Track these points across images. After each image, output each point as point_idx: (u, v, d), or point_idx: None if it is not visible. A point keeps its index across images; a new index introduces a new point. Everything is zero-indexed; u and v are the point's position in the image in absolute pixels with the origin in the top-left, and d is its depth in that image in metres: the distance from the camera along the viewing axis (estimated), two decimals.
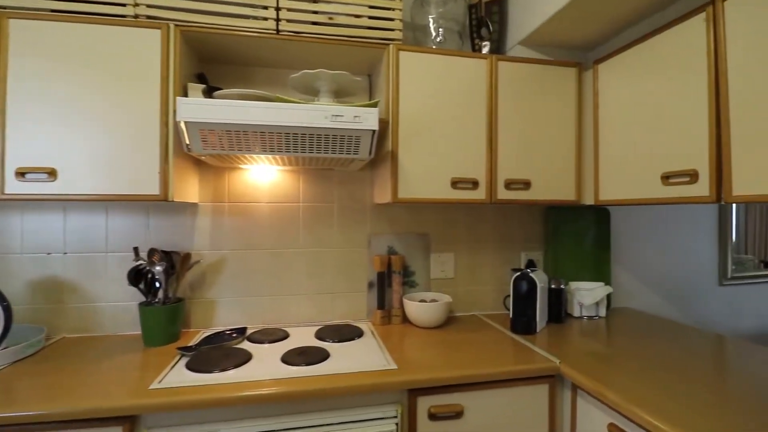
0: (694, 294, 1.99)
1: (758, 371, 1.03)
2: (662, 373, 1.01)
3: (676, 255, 1.95)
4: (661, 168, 1.13)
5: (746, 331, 2.12)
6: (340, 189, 1.52)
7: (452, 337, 1.32)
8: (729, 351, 1.20)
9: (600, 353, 1.16)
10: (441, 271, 1.62)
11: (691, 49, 1.03)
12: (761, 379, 0.98)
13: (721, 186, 0.97)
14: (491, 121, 1.34)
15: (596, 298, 1.55)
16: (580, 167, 1.44)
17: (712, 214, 2.03)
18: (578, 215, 1.70)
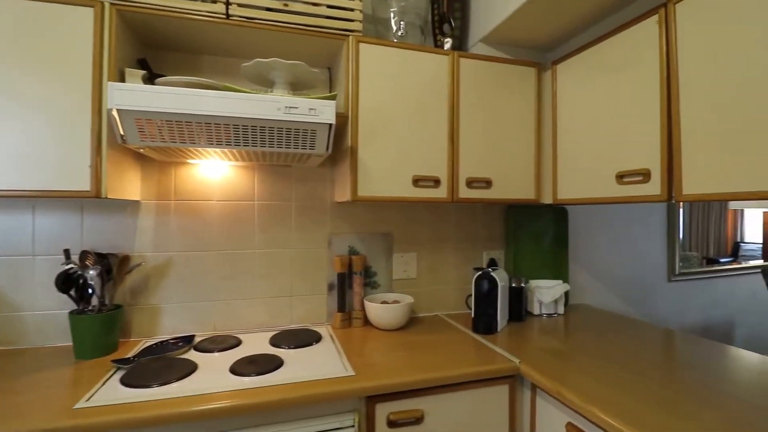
0: (645, 290, 2.08)
1: (706, 365, 1.07)
2: (618, 370, 1.02)
3: (628, 253, 2.03)
4: (616, 167, 1.15)
5: (691, 324, 2.24)
6: (298, 186, 1.45)
7: (414, 339, 1.28)
8: (678, 346, 1.24)
9: (558, 351, 1.17)
10: (404, 271, 1.59)
11: (644, 51, 1.05)
12: (709, 373, 1.01)
13: (672, 185, 0.99)
14: (453, 119, 1.32)
15: (555, 295, 1.57)
16: (539, 167, 1.45)
17: (661, 213, 2.13)
18: (538, 214, 1.72)
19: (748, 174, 0.83)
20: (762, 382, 0.96)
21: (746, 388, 0.92)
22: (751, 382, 0.96)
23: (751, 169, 0.82)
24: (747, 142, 0.83)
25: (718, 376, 0.99)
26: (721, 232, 2.48)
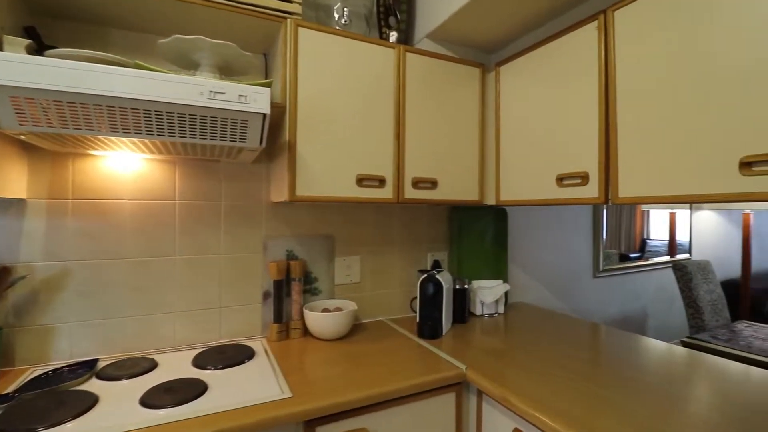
0: (575, 286, 2.21)
1: (633, 359, 1.13)
2: (558, 370, 1.03)
3: (560, 252, 2.14)
4: (557, 170, 1.17)
5: (613, 316, 2.43)
6: (229, 184, 1.30)
7: (357, 349, 1.21)
8: (606, 339, 1.30)
9: (502, 352, 1.16)
10: (346, 275, 1.50)
11: (584, 56, 1.08)
12: (638, 368, 1.06)
13: (609, 188, 1.02)
14: (399, 116, 1.26)
15: (496, 295, 1.59)
16: (483, 168, 1.44)
17: (588, 215, 2.28)
18: (480, 215, 1.74)
19: (675, 179, 0.87)
20: (673, 370, 1.02)
21: (668, 379, 0.98)
22: (669, 371, 1.02)
23: (677, 174, 0.86)
24: (673, 148, 0.87)
25: (645, 370, 1.04)
26: (631, 231, 2.72)
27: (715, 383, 0.97)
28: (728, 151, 0.78)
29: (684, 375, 1.01)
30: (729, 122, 0.78)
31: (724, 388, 0.94)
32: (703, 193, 0.82)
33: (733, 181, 0.77)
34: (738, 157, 0.76)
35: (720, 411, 0.83)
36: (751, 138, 0.75)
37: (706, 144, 0.82)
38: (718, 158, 0.80)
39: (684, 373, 1.03)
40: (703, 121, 0.82)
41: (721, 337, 1.87)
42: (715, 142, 0.80)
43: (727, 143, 0.78)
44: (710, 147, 0.81)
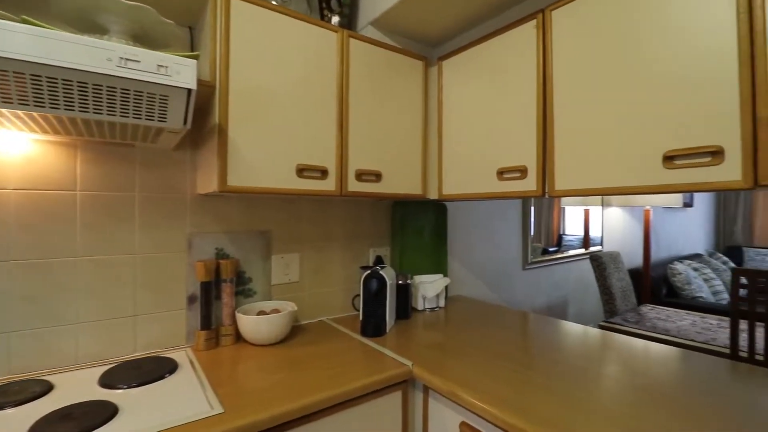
0: (507, 278, 2.32)
1: (559, 342, 1.19)
2: (498, 359, 1.05)
3: (493, 245, 2.23)
4: (497, 164, 1.19)
5: (540, 305, 2.60)
6: (145, 173, 1.13)
7: (297, 353, 1.12)
8: (540, 328, 1.37)
9: (445, 346, 1.16)
10: (284, 274, 1.40)
11: (523, 54, 1.11)
12: (564, 351, 1.12)
13: (546, 181, 1.06)
14: (342, 104, 1.20)
15: (437, 289, 1.60)
16: (426, 162, 1.44)
17: (518, 210, 2.41)
18: (422, 210, 1.74)
19: (606, 172, 0.92)
20: (592, 350, 1.10)
21: (589, 357, 1.05)
22: (588, 351, 1.09)
23: (608, 168, 0.92)
24: (604, 144, 0.92)
25: (570, 351, 1.10)
26: (550, 227, 2.95)
27: (625, 359, 1.05)
28: (653, 146, 0.84)
29: (601, 354, 1.09)
30: (654, 119, 0.84)
31: (633, 362, 1.02)
32: (631, 186, 0.88)
33: (657, 174, 0.83)
34: (662, 151, 0.83)
35: (629, 381, 0.89)
36: (673, 134, 0.81)
37: (634, 140, 0.88)
38: (644, 153, 0.86)
39: (601, 352, 1.11)
40: (632, 118, 0.88)
41: (631, 319, 2.08)
42: (642, 138, 0.86)
43: (653, 139, 0.84)
44: (637, 143, 0.87)
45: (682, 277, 3.20)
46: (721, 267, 3.86)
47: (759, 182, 0.70)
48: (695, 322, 2.03)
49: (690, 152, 0.78)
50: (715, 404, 0.81)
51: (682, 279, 3.19)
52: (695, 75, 0.78)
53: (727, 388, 0.89)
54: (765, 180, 0.69)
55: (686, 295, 3.14)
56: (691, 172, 0.79)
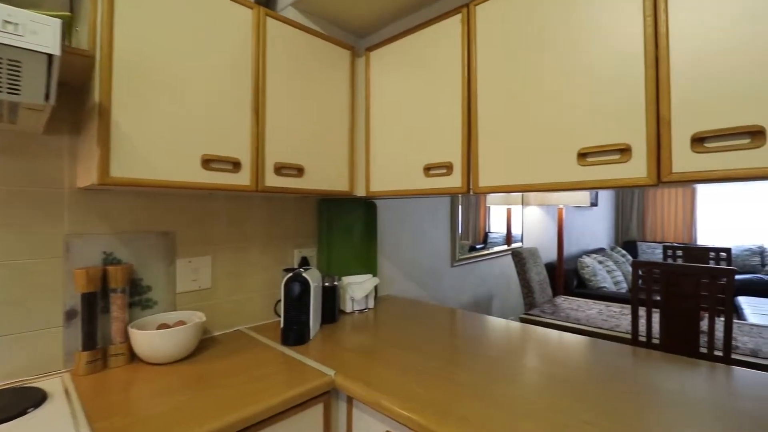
0: (436, 275, 2.35)
1: (486, 337, 1.20)
2: (429, 362, 1.02)
3: (423, 243, 2.24)
4: (424, 160, 1.17)
5: (466, 301, 2.68)
6: (5, 161, 0.92)
7: (204, 370, 0.99)
8: (465, 323, 1.38)
9: (373, 350, 1.10)
10: (193, 281, 1.24)
11: (449, 48, 1.09)
12: (489, 343, 1.13)
13: (471, 178, 1.06)
14: (258, 89, 1.08)
15: (366, 290, 1.54)
16: (353, 157, 1.37)
17: (446, 208, 2.45)
18: (350, 208, 1.67)
19: (526, 169, 0.93)
20: (514, 342, 1.13)
21: (511, 348, 1.07)
22: (510, 343, 1.11)
23: (528, 165, 0.93)
24: (524, 141, 0.93)
25: (493, 344, 1.11)
26: (477, 225, 3.08)
27: (545, 352, 1.09)
28: (569, 143, 0.86)
29: (523, 347, 1.12)
30: (570, 117, 0.86)
31: (552, 354, 1.06)
32: (549, 182, 0.89)
33: (573, 171, 0.85)
34: (577, 149, 0.85)
35: (549, 373, 0.92)
36: (586, 132, 0.84)
37: (552, 137, 0.89)
38: (561, 150, 0.87)
39: (523, 345, 1.13)
40: (549, 116, 0.89)
41: (548, 311, 2.23)
42: (559, 136, 0.88)
43: (569, 137, 0.86)
44: (555, 140, 0.89)
45: (590, 269, 3.53)
46: (621, 259, 4.35)
47: (662, 179, 0.74)
48: (601, 311, 2.23)
49: (601, 150, 0.81)
50: (623, 389, 0.85)
51: (589, 271, 3.52)
52: (606, 74, 0.81)
53: (632, 372, 0.94)
54: (667, 177, 0.73)
55: (593, 285, 3.47)
56: (603, 169, 0.82)
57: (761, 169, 0.64)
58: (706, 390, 0.85)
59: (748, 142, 0.65)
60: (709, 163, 0.69)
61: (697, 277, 1.53)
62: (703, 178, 0.69)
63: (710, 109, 0.68)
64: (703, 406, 0.78)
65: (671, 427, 0.71)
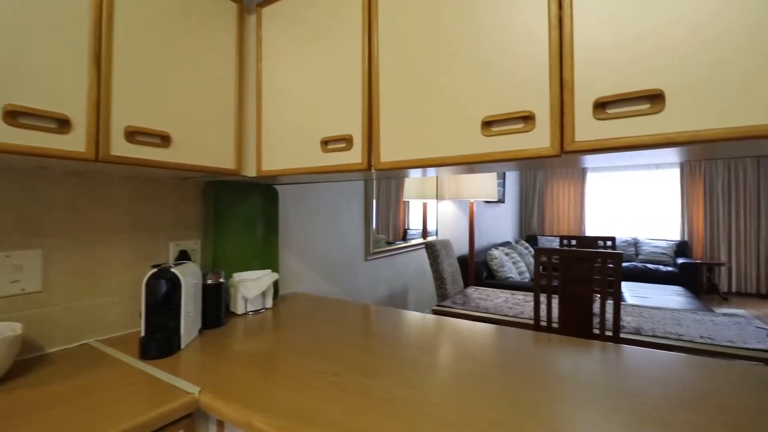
0: (349, 270, 2.21)
1: (398, 333, 1.10)
2: (326, 365, 0.87)
3: (334, 236, 2.09)
4: (322, 133, 1.01)
5: (381, 295, 2.59)
6: None
7: (17, 400, 0.71)
8: (377, 319, 1.26)
9: (262, 358, 0.92)
10: (12, 282, 0.93)
11: (349, 11, 0.95)
12: (401, 339, 1.03)
13: (372, 153, 0.93)
14: (100, 30, 0.83)
15: (262, 288, 1.34)
16: (240, 130, 1.16)
17: (360, 201, 2.34)
18: (246, 194, 1.45)
19: (429, 142, 0.83)
20: (427, 335, 1.04)
21: (424, 342, 0.97)
22: (423, 337, 1.02)
23: (431, 137, 0.83)
24: (427, 112, 0.83)
25: (406, 340, 1.01)
26: (397, 221, 3.04)
27: (454, 343, 1.01)
28: (473, 112, 0.78)
29: (433, 341, 1.03)
30: (474, 85, 0.78)
31: (461, 345, 0.99)
32: (454, 155, 0.80)
33: (477, 142, 0.77)
34: (481, 117, 0.77)
35: (457, 367, 0.84)
36: (490, 99, 0.76)
37: (455, 106, 0.80)
38: (465, 120, 0.79)
39: (434, 338, 1.05)
40: (453, 84, 0.80)
41: (459, 301, 2.23)
42: (463, 104, 0.79)
43: (472, 105, 0.78)
44: (459, 109, 0.80)
45: (497, 261, 3.70)
46: (524, 251, 4.68)
47: (565, 148, 0.69)
48: (507, 299, 2.30)
49: (505, 117, 0.74)
50: (525, 377, 0.80)
51: (497, 263, 3.69)
52: (510, 37, 0.74)
53: (537, 357, 0.90)
54: (570, 146, 0.68)
55: (500, 276, 3.65)
56: (507, 140, 0.74)
57: (662, 136, 0.60)
58: (599, 369, 0.83)
59: (648, 108, 0.62)
60: (612, 131, 0.64)
61: (590, 261, 1.61)
62: (607, 147, 0.65)
63: (612, 72, 0.64)
64: (598, 387, 0.75)
65: (570, 412, 0.65)
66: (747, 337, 1.61)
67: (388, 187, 2.87)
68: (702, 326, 1.78)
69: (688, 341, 1.58)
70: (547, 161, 0.76)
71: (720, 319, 1.89)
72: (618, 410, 0.67)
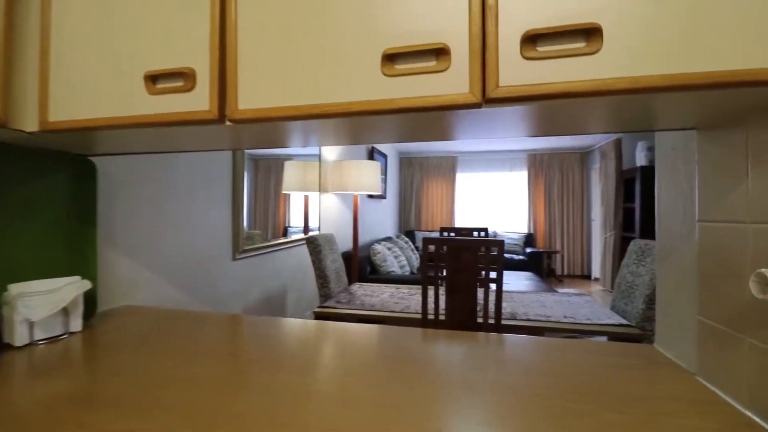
0: (210, 272, 1.81)
1: (264, 354, 0.83)
2: (160, 418, 0.56)
3: (189, 231, 1.67)
4: (147, 64, 0.68)
5: (255, 298, 2.23)
6: None
7: None
8: (248, 333, 0.97)
9: (43, 422, 0.55)
10: None
11: None
12: (267, 367, 0.76)
13: (225, 98, 0.65)
14: None
15: (59, 303, 0.91)
16: (8, 60, 0.73)
17: (226, 183, 1.94)
18: (38, 166, 0.98)
19: (310, 82, 0.60)
20: (309, 347, 0.82)
21: (306, 359, 0.74)
22: (305, 351, 0.79)
23: (311, 75, 0.60)
24: (301, 41, 0.60)
25: (277, 369, 0.76)
26: (276, 218, 2.71)
27: (335, 352, 0.80)
28: (371, 42, 0.57)
29: (307, 358, 0.80)
30: (373, 18, 0.57)
31: (342, 352, 0.79)
32: (346, 101, 0.58)
33: (377, 84, 0.57)
34: (381, 49, 0.56)
35: (342, 377, 0.63)
36: (395, 23, 0.56)
37: (346, 32, 0.58)
38: (360, 52, 0.57)
39: (308, 354, 0.82)
40: (345, 12, 0.58)
41: (343, 300, 2.04)
42: (357, 31, 0.58)
43: (370, 32, 0.57)
44: (351, 38, 0.58)
45: (381, 255, 3.65)
46: (405, 246, 4.77)
47: (487, 95, 0.53)
48: (393, 294, 2.21)
49: (413, 50, 0.55)
50: (423, 372, 0.63)
51: (380, 257, 3.64)
52: None
53: (428, 354, 0.75)
54: (494, 92, 0.53)
55: (384, 271, 3.60)
56: (416, 83, 0.56)
57: (600, 82, 0.49)
58: (481, 363, 0.72)
59: (583, 46, 0.50)
60: (543, 74, 0.51)
61: (475, 250, 1.59)
62: (537, 94, 0.51)
63: None
64: (479, 383, 0.62)
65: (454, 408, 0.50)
66: (599, 314, 1.80)
67: (266, 178, 2.51)
68: (563, 306, 1.94)
69: (555, 322, 1.69)
70: (463, 116, 0.60)
71: (574, 299, 2.11)
72: (499, 405, 0.54)
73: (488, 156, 6.85)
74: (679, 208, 0.79)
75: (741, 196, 0.61)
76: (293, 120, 0.61)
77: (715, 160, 0.68)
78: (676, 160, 0.81)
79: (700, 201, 0.72)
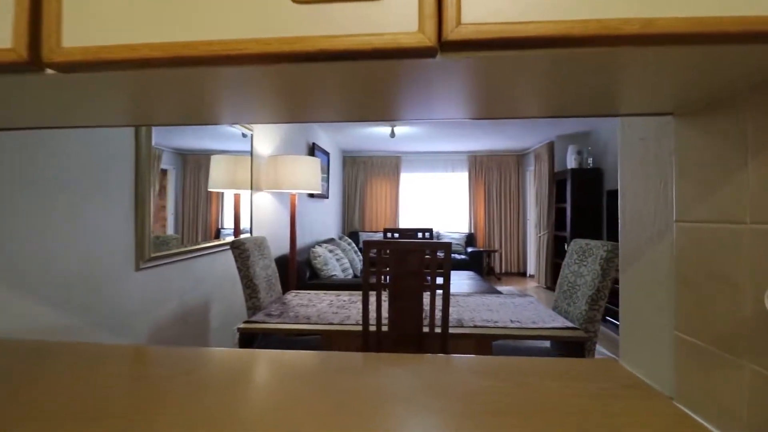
0: (104, 288, 1.48)
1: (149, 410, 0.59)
2: None
3: (74, 235, 1.34)
4: None
5: (171, 313, 1.90)
6: None
7: None
8: (137, 386, 0.71)
9: None
10: None
11: None
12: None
13: (41, 28, 0.41)
14: None
15: None
16: None
17: (128, 174, 1.61)
18: None
19: (175, 9, 0.39)
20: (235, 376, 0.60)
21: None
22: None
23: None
24: None
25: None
26: (207, 219, 2.40)
27: (264, 378, 0.60)
28: None
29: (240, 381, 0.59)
30: None
31: (279, 373, 0.59)
32: (238, 38, 0.38)
33: (285, 16, 0.37)
34: None
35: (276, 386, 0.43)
36: None
37: None
38: None
39: (241, 379, 0.61)
40: None
41: (275, 312, 1.80)
42: None
43: None
44: None
45: (321, 258, 3.42)
46: (348, 247, 4.57)
47: (444, 37, 0.36)
48: (332, 302, 2.01)
49: None
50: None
51: (321, 261, 3.41)
52: None
53: (365, 383, 0.57)
54: (453, 34, 0.36)
55: (324, 275, 3.38)
56: (341, 15, 0.37)
57: (606, 23, 0.34)
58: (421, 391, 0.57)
59: None
60: (507, 12, 0.35)
61: (421, 252, 1.45)
62: (506, 36, 0.35)
63: None
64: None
65: None
66: (543, 316, 1.75)
67: (196, 175, 2.18)
68: (508, 309, 1.88)
69: (503, 327, 1.60)
70: (410, 74, 0.42)
71: (518, 301, 2.06)
72: None
73: (431, 156, 6.88)
74: (650, 207, 0.70)
75: (737, 191, 0.50)
76: (153, 67, 0.40)
77: (698, 150, 0.58)
78: (646, 152, 0.71)
79: (679, 199, 0.62)
